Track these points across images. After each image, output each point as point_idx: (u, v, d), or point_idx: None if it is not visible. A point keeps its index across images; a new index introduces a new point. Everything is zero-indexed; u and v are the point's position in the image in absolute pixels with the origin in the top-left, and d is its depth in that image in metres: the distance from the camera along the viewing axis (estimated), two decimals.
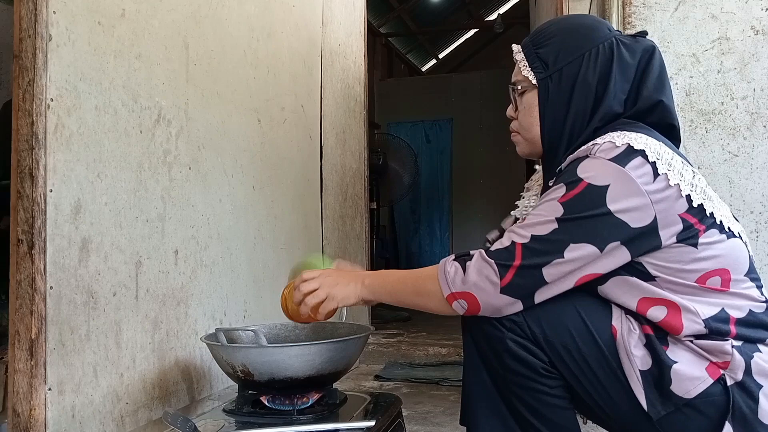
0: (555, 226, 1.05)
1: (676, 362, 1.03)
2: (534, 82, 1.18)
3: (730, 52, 1.98)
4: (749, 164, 1.95)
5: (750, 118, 1.96)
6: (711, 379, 1.03)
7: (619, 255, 1.06)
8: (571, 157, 1.13)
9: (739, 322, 1.06)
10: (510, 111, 1.26)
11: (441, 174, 8.60)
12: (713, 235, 1.07)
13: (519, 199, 1.37)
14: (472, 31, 10.44)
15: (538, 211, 1.09)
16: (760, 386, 1.02)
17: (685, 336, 1.05)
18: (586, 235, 1.04)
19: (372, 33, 7.69)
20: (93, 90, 1.58)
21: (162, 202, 1.84)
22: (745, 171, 1.96)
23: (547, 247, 1.05)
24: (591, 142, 1.10)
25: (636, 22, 2.02)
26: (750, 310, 1.07)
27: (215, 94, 2.13)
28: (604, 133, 1.11)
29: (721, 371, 1.03)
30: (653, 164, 1.04)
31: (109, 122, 1.63)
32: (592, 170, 1.06)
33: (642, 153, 1.05)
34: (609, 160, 1.05)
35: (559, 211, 1.05)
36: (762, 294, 1.10)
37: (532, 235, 1.06)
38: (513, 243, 1.07)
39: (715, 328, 1.05)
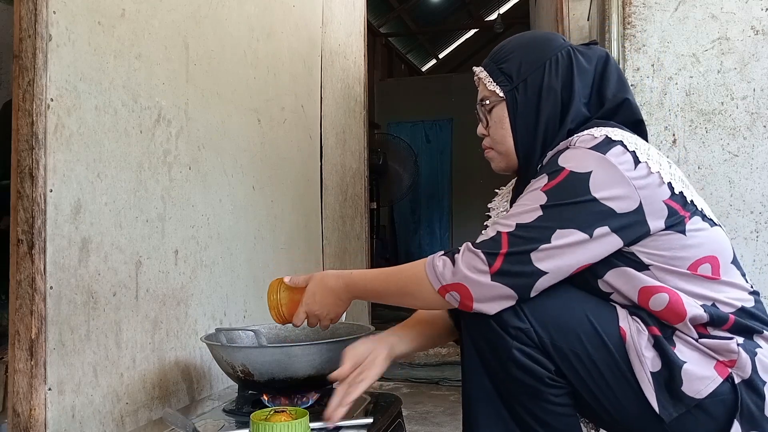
0: (539, 213, 1.06)
1: (685, 362, 1.03)
2: (501, 95, 1.22)
3: (730, 52, 1.98)
4: (749, 164, 1.95)
5: (750, 118, 1.96)
6: (720, 378, 1.03)
7: (611, 241, 1.06)
8: (551, 153, 1.15)
9: (727, 314, 1.08)
10: (480, 129, 1.29)
11: (441, 174, 8.60)
12: (697, 222, 1.09)
13: (490, 209, 1.40)
14: (472, 31, 10.44)
15: (521, 202, 1.10)
16: (765, 382, 1.03)
17: (690, 319, 1.06)
18: (572, 222, 1.05)
19: (372, 33, 7.69)
20: (93, 90, 1.58)
21: (162, 202, 1.84)
22: (745, 171, 1.95)
23: (533, 234, 1.05)
24: (572, 137, 1.13)
25: (636, 22, 2.02)
26: (742, 306, 1.09)
27: (215, 94, 2.13)
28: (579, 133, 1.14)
29: (729, 370, 1.03)
30: (633, 153, 1.07)
31: (109, 122, 1.63)
32: (573, 159, 1.08)
33: (620, 143, 1.08)
34: (589, 148, 1.07)
35: (543, 198, 1.06)
36: (747, 281, 1.13)
37: (516, 224, 1.06)
38: (498, 233, 1.07)
39: (715, 314, 1.06)
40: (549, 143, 1.18)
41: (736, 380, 1.03)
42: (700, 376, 1.03)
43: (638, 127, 1.19)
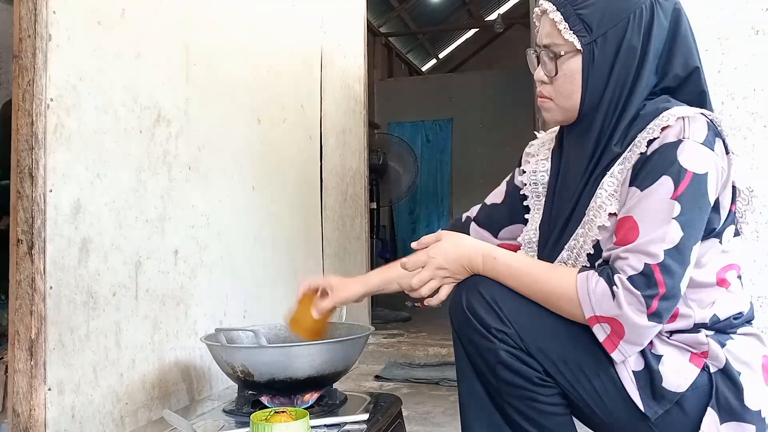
0: (679, 232, 0.98)
1: (662, 356, 1.04)
2: (579, 47, 1.08)
3: (730, 52, 1.98)
4: (749, 164, 1.95)
5: (750, 118, 1.96)
6: (697, 368, 1.03)
7: None
8: (655, 140, 1.03)
9: (723, 321, 1.08)
10: (540, 75, 1.14)
11: (441, 174, 8.60)
12: (732, 230, 1.09)
13: (524, 164, 1.30)
14: (472, 31, 10.45)
15: (651, 214, 1.00)
16: (740, 373, 1.03)
17: (665, 332, 1.06)
18: (699, 231, 1.01)
19: (372, 33, 7.69)
20: (93, 90, 1.57)
21: (162, 202, 1.83)
22: (744, 171, 1.95)
23: (679, 259, 0.98)
24: (671, 116, 1.03)
25: None
26: (740, 312, 1.09)
27: (215, 94, 2.13)
28: (649, 104, 1.08)
29: (704, 360, 1.04)
30: (725, 143, 1.05)
31: (109, 122, 1.63)
32: (692, 157, 1.00)
33: (720, 134, 1.04)
34: (702, 144, 1.01)
35: (676, 209, 0.99)
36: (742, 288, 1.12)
37: (664, 251, 0.98)
38: (648, 266, 0.97)
39: (698, 326, 1.07)
40: (613, 107, 1.09)
41: (712, 369, 1.03)
42: (678, 369, 1.03)
43: (703, 99, 1.11)
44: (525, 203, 1.28)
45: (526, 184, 1.28)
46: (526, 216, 1.27)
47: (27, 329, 1.40)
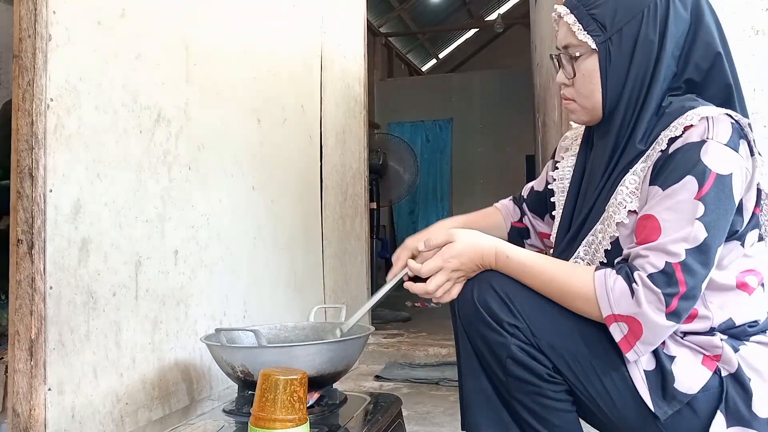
0: (703, 233, 0.97)
1: (675, 358, 1.04)
2: (593, 46, 1.10)
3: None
4: None
5: (750, 118, 1.96)
6: (709, 371, 1.03)
7: None
8: (677, 138, 1.03)
9: (738, 326, 1.07)
10: (561, 78, 1.17)
11: (441, 174, 8.61)
12: (755, 234, 1.08)
13: (558, 157, 1.32)
14: (472, 31, 10.46)
15: (674, 214, 0.99)
16: (750, 378, 1.03)
17: (680, 332, 1.06)
18: (723, 231, 1.00)
19: (372, 33, 7.70)
20: (93, 90, 1.57)
21: (162, 202, 1.83)
22: None
23: (701, 259, 0.98)
24: (695, 116, 1.02)
25: None
26: (756, 320, 1.08)
27: (215, 94, 2.13)
28: (675, 101, 1.07)
29: (717, 363, 1.03)
30: (750, 145, 1.04)
31: (109, 122, 1.63)
32: (716, 158, 0.99)
33: (745, 136, 1.04)
34: (726, 145, 1.00)
35: (700, 210, 0.98)
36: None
37: (686, 250, 0.97)
38: (669, 264, 0.97)
39: (712, 329, 1.06)
40: (634, 101, 1.10)
41: (723, 373, 1.03)
42: (691, 371, 1.03)
43: (729, 93, 1.10)
44: (552, 199, 1.30)
45: (555, 180, 1.30)
46: (553, 213, 1.29)
47: (27, 329, 1.40)
